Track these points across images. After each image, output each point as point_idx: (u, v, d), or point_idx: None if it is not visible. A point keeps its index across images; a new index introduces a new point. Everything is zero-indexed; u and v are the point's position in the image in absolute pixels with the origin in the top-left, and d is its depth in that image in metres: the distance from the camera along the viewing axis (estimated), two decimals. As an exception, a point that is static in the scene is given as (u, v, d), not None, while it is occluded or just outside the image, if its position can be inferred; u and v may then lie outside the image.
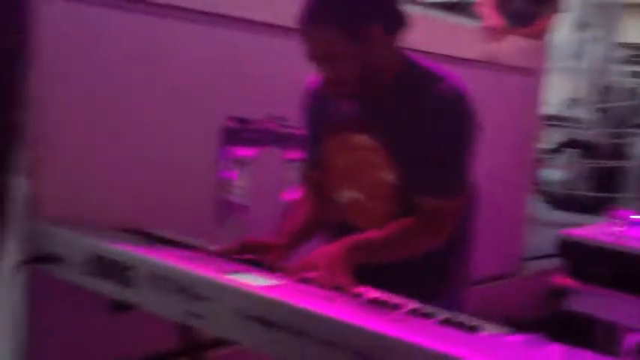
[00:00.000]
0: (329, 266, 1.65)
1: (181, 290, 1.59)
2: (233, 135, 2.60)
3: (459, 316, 1.50)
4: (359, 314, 1.43)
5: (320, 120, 1.93)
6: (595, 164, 7.67)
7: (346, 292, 1.58)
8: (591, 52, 8.17)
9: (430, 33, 3.23)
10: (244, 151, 2.65)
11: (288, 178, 2.72)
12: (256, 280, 1.59)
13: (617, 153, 7.79)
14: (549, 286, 3.04)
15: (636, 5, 9.72)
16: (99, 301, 1.82)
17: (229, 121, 2.57)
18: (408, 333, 1.32)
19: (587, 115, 8.10)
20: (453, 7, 9.44)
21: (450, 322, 1.46)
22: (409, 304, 1.55)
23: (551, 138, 7.69)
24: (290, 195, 2.60)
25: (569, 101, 8.10)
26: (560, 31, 4.87)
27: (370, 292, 1.60)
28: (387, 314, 1.46)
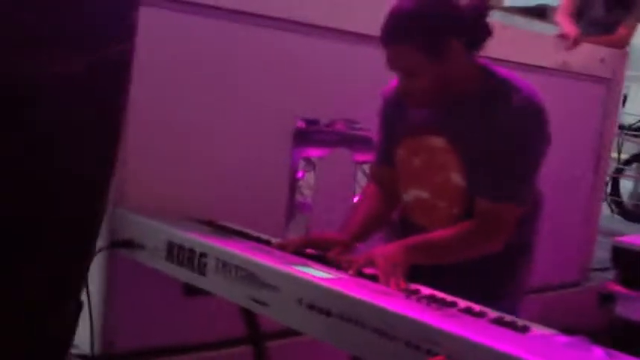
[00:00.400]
0: (386, 265, 1.73)
1: (248, 278, 1.71)
2: (304, 136, 2.69)
3: (510, 317, 1.57)
4: (413, 308, 1.51)
5: (396, 122, 2.00)
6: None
7: (401, 289, 1.66)
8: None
9: (505, 41, 3.26)
10: (314, 152, 2.75)
11: (355, 178, 2.81)
12: (318, 273, 1.69)
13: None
14: (600, 293, 3.03)
15: None
16: (173, 285, 1.96)
17: (300, 123, 2.68)
18: (458, 327, 1.40)
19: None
20: (532, 11, 9.35)
21: (501, 322, 1.53)
22: (462, 302, 1.62)
23: (628, 149, 7.51)
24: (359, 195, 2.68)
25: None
26: (639, 39, 4.76)
27: (425, 290, 1.68)
28: (440, 310, 1.54)
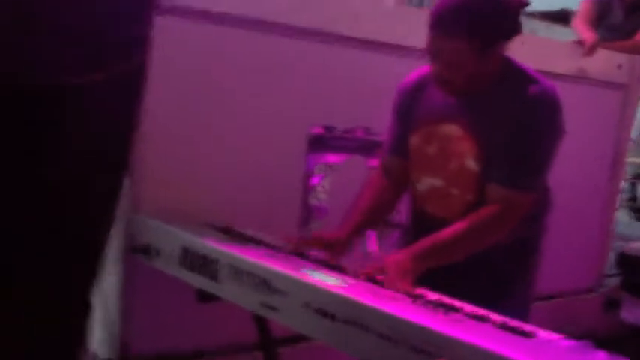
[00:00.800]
0: (396, 274, 1.76)
1: (259, 283, 1.75)
2: (320, 142, 2.72)
3: (515, 321, 1.59)
4: (418, 313, 1.54)
5: (411, 111, 2.03)
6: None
7: (411, 295, 1.69)
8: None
9: (521, 48, 3.27)
10: (330, 158, 2.78)
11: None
12: (327, 278, 1.73)
13: None
14: (605, 298, 3.04)
15: None
16: (188, 291, 2.00)
17: (317, 129, 2.71)
18: (463, 332, 1.43)
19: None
20: (555, 16, 9.31)
21: (507, 326, 1.55)
22: (468, 307, 1.65)
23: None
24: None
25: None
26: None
27: (431, 295, 1.71)
28: (445, 315, 1.57)
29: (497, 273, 1.95)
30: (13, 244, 1.08)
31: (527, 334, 1.52)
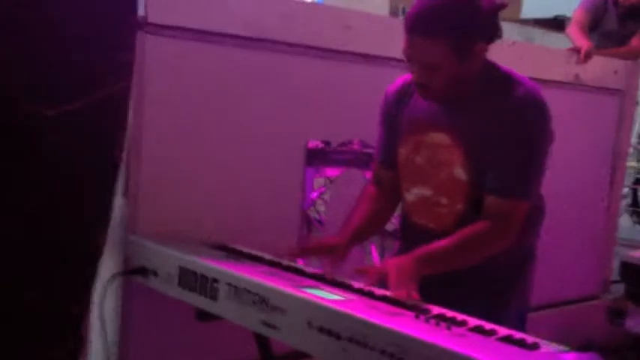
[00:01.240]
0: (399, 276, 1.74)
1: (259, 302, 1.73)
2: (317, 156, 2.72)
3: (519, 334, 1.56)
4: (422, 329, 1.51)
5: (397, 120, 2.01)
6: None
7: (413, 307, 1.66)
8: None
9: (517, 56, 3.27)
10: (327, 172, 2.77)
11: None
12: (328, 295, 1.70)
13: None
14: (610, 308, 3.00)
15: None
16: (186, 311, 1.97)
17: (314, 143, 2.70)
18: (467, 348, 1.40)
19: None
20: (549, 23, 9.32)
21: (510, 340, 1.53)
22: (472, 321, 1.62)
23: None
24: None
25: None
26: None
27: (435, 309, 1.68)
28: (449, 330, 1.54)
29: (494, 281, 1.93)
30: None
31: (531, 346, 1.49)
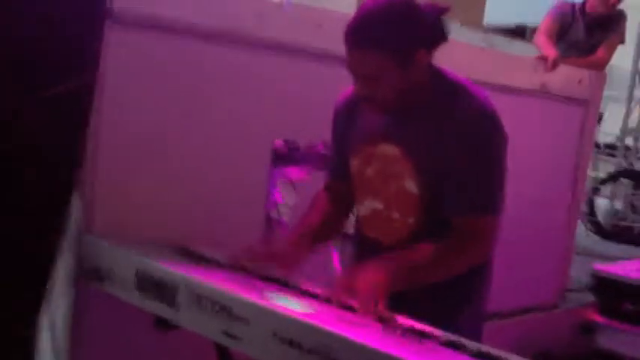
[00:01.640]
0: (367, 294, 1.66)
1: (221, 311, 1.65)
2: (282, 157, 2.65)
3: (491, 350, 1.52)
4: (390, 342, 1.46)
5: (348, 132, 1.96)
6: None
7: (383, 320, 1.60)
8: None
9: (484, 63, 3.24)
10: (292, 173, 2.70)
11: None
12: (293, 305, 1.63)
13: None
14: (580, 322, 2.99)
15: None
16: (144, 318, 1.88)
17: (278, 144, 2.63)
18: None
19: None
20: (512, 32, 9.43)
21: (482, 355, 1.48)
22: (442, 334, 1.57)
23: (605, 167, 7.55)
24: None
25: (624, 131, 7.93)
26: (617, 61, 4.79)
27: (405, 321, 1.62)
28: (419, 344, 1.49)
29: (447, 287, 1.85)
30: None
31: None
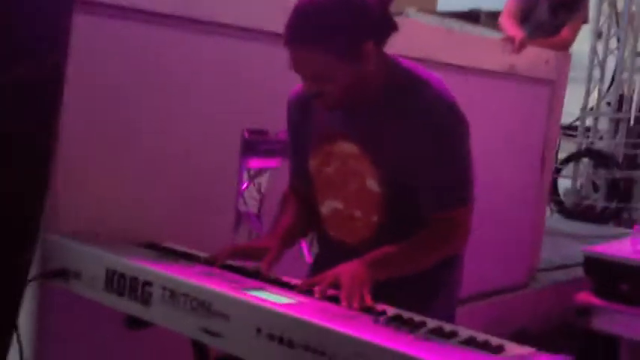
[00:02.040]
0: (352, 286, 1.61)
1: (199, 307, 1.57)
2: (251, 146, 2.59)
3: (481, 336, 1.47)
4: (379, 333, 1.40)
5: (304, 130, 1.89)
6: (608, 174, 7.61)
7: (369, 311, 1.55)
8: (608, 62, 8.12)
9: (451, 45, 3.21)
10: (262, 162, 2.64)
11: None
12: (275, 298, 1.56)
13: (631, 163, 7.74)
14: (574, 305, 2.98)
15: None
16: (115, 317, 1.80)
17: (248, 133, 2.56)
18: (430, 353, 1.31)
19: (602, 126, 8.05)
20: (465, 16, 9.45)
21: (474, 342, 1.43)
22: (430, 322, 1.52)
23: (566, 147, 7.65)
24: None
25: (584, 111, 8.04)
26: (578, 41, 4.81)
27: (389, 310, 1.57)
28: (408, 334, 1.43)
29: (424, 278, 1.81)
30: None
31: (496, 349, 1.40)
